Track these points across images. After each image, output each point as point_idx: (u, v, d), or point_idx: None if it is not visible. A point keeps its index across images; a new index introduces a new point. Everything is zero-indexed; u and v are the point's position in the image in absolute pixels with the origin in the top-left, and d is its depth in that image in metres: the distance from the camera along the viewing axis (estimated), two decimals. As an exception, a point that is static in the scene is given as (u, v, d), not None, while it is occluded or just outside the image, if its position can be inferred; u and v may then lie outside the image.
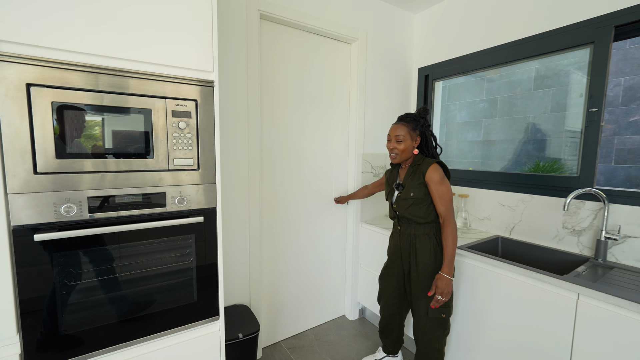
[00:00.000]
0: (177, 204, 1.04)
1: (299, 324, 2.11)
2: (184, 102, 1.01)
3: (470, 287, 1.51)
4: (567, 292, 1.18)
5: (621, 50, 3.18)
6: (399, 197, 1.48)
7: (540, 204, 1.71)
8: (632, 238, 1.39)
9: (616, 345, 1.06)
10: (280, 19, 1.72)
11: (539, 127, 3.64)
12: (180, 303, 1.08)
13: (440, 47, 2.23)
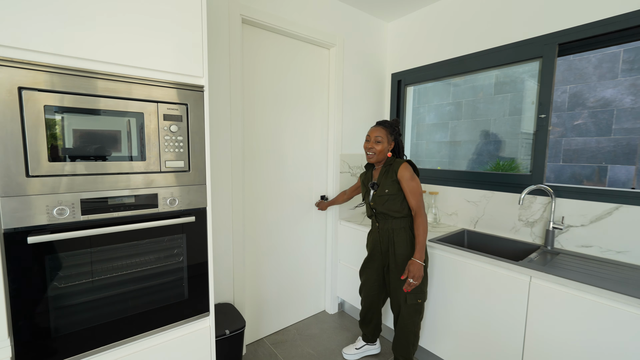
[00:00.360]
0: (168, 205, 1.07)
1: (281, 320, 2.17)
2: (175, 106, 1.05)
3: (441, 276, 1.66)
4: (521, 275, 1.35)
5: (567, 61, 3.55)
6: (375, 195, 1.59)
7: (500, 199, 1.91)
8: (573, 227, 1.61)
9: (561, 317, 1.24)
10: (262, 23, 1.78)
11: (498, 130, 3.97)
12: (172, 301, 1.12)
13: (411, 54, 2.39)
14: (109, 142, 0.96)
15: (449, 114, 4.56)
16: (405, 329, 1.59)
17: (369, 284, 1.73)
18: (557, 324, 1.25)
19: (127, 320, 1.03)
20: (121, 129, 0.97)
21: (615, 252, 1.49)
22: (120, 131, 0.97)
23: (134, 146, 0.99)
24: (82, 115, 0.90)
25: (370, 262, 1.71)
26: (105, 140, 0.95)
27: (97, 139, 0.94)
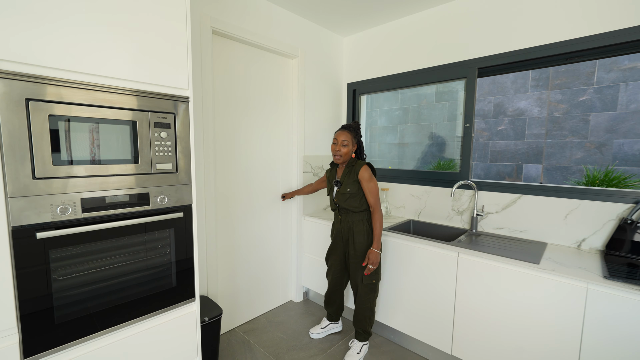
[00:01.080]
0: (159, 202, 1.20)
1: (251, 310, 2.33)
2: (164, 114, 1.18)
3: (392, 258, 1.97)
4: (452, 252, 1.71)
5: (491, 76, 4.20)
6: (338, 192, 1.85)
7: (437, 193, 2.30)
8: (490, 214, 2.03)
9: (480, 281, 1.61)
10: (231, 35, 1.93)
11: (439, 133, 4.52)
12: (162, 288, 1.24)
13: (365, 67, 2.70)
14: (106, 147, 1.07)
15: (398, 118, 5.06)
16: (362, 305, 1.87)
17: (334, 269, 1.98)
18: (477, 286, 1.62)
19: (122, 306, 1.14)
20: (117, 135, 1.08)
21: (519, 232, 1.94)
22: (116, 137, 1.08)
23: (129, 150, 1.11)
24: (84, 124, 1.01)
25: (334, 249, 1.97)
26: (103, 145, 1.06)
27: (95, 144, 1.04)
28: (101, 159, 1.06)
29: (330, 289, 2.04)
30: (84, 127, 1.01)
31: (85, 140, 1.02)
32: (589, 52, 1.70)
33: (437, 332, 1.78)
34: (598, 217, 1.68)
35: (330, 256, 2.00)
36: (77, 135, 1.00)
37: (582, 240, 1.73)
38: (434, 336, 1.80)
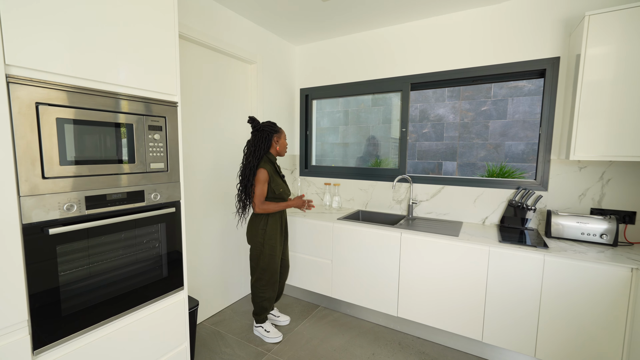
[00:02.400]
0: (152, 199, 1.30)
1: (217, 304, 2.44)
2: (157, 118, 1.29)
3: (347, 242, 2.31)
4: (396, 233, 2.11)
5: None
6: (287, 186, 2.10)
7: (381, 187, 2.72)
8: (421, 202, 2.53)
9: (417, 254, 2.04)
10: (197, 40, 2.03)
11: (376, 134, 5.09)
12: (156, 278, 1.34)
13: (315, 74, 3.00)
14: (107, 148, 1.14)
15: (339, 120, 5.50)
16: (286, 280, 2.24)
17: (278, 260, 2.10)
18: (415, 258, 2.05)
19: (121, 297, 1.22)
20: (117, 137, 1.16)
21: (443, 214, 2.46)
22: (116, 139, 1.16)
23: (127, 151, 1.20)
24: (87, 126, 1.07)
25: (279, 241, 2.07)
26: (105, 147, 1.13)
27: (98, 146, 1.11)
28: (103, 159, 1.13)
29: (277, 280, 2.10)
30: (88, 129, 1.08)
31: (89, 141, 1.09)
32: (486, 77, 2.27)
33: (385, 299, 2.18)
34: (495, 200, 2.26)
35: (279, 250, 2.07)
36: (81, 137, 1.07)
37: (486, 217, 2.30)
38: (383, 303, 2.19)
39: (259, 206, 1.90)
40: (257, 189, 1.90)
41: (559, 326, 1.65)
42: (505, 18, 2.13)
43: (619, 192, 1.89)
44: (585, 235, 1.83)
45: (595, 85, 1.68)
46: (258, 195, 1.90)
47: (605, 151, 1.69)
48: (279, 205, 1.95)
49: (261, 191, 1.90)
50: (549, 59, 2.02)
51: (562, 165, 2.04)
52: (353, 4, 2.19)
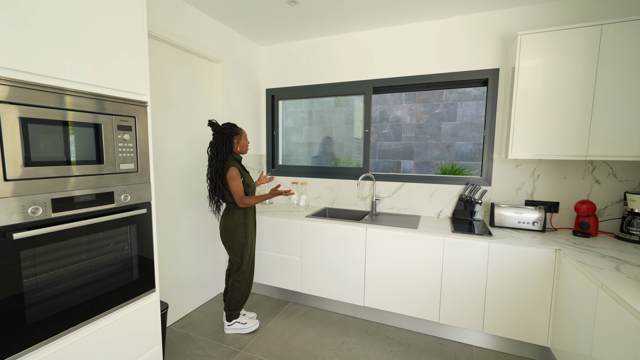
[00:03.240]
0: (122, 200, 1.27)
1: (185, 307, 2.39)
2: (126, 118, 1.26)
3: (315, 239, 2.40)
4: (362, 228, 2.25)
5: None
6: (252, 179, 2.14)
7: (346, 185, 2.85)
8: (384, 198, 2.71)
9: (380, 246, 2.20)
10: (164, 38, 1.98)
11: (339, 135, 5.25)
12: (126, 281, 1.31)
13: (281, 75, 3.04)
14: (75, 148, 1.10)
15: (303, 120, 5.59)
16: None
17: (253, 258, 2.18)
18: (379, 250, 2.20)
19: (90, 302, 1.18)
20: (84, 137, 1.13)
21: (404, 209, 2.66)
22: (83, 139, 1.13)
23: (95, 152, 1.16)
24: (52, 126, 1.03)
25: (254, 238, 2.17)
26: (71, 147, 1.09)
27: (64, 146, 1.07)
28: (70, 160, 1.09)
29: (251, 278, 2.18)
30: (53, 129, 1.04)
31: (55, 142, 1.05)
32: (439, 83, 2.51)
33: (353, 290, 2.31)
34: (448, 195, 2.51)
35: (255, 240, 2.20)
36: (47, 137, 1.02)
37: (440, 211, 2.54)
38: (351, 294, 2.32)
39: (241, 201, 1.95)
40: (234, 186, 1.93)
41: (502, 302, 1.90)
42: (455, 32, 2.37)
43: (547, 185, 2.22)
44: (521, 224, 2.12)
45: (527, 94, 1.95)
46: (237, 191, 1.94)
47: (536, 151, 1.98)
48: (258, 198, 2.00)
49: (238, 186, 1.94)
50: (490, 69, 2.30)
51: (502, 163, 2.33)
52: (318, 10, 2.28)
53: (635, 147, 1.75)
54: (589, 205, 1.97)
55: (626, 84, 1.74)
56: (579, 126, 1.86)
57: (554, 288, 1.77)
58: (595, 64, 1.78)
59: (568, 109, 1.87)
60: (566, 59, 1.84)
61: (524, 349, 1.95)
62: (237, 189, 1.94)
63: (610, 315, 1.21)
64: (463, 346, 2.07)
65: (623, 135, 1.77)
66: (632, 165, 2.00)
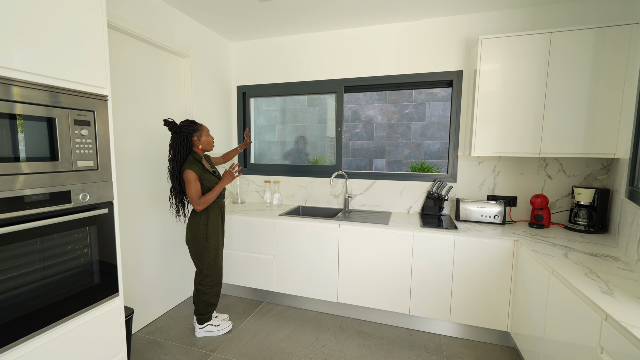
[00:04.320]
0: (80, 200, 1.19)
1: (153, 312, 2.29)
2: (83, 112, 1.18)
3: (289, 237, 2.39)
4: (335, 225, 2.27)
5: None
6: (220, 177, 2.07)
7: (319, 183, 2.87)
8: (356, 196, 2.75)
9: (353, 242, 2.23)
10: (126, 30, 1.88)
11: (312, 133, 5.26)
12: (87, 286, 1.23)
13: (253, 72, 3.00)
14: (25, 144, 1.02)
15: (276, 119, 5.55)
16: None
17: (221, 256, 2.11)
18: (352, 247, 2.24)
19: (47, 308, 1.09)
20: (36, 132, 1.04)
21: (375, 206, 2.72)
22: (35, 134, 1.04)
23: (49, 148, 1.08)
24: (-2, 119, 0.95)
25: (222, 236, 2.09)
26: (22, 142, 1.01)
27: (11, 142, 0.99)
28: (18, 157, 1.00)
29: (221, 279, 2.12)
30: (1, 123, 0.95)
31: (2, 136, 0.96)
32: (407, 83, 2.59)
33: (327, 287, 2.33)
34: (417, 192, 2.60)
35: (222, 241, 2.09)
36: (-9, 132, 0.94)
37: (410, 207, 2.63)
38: (325, 291, 2.34)
39: (198, 203, 1.86)
40: (191, 190, 1.84)
41: (467, 292, 2.00)
42: (421, 34, 2.47)
43: (506, 181, 2.37)
44: (484, 217, 2.25)
45: (488, 95, 2.08)
46: (192, 196, 1.85)
47: (496, 149, 2.10)
48: (213, 191, 1.91)
49: (196, 190, 1.86)
50: (454, 71, 2.41)
51: (466, 160, 2.46)
52: (289, 8, 2.27)
53: (580, 145, 1.92)
54: (542, 198, 2.13)
55: (571, 87, 1.90)
56: (533, 126, 2.00)
57: (512, 276, 1.90)
58: (546, 69, 1.93)
59: (524, 110, 2.01)
60: (522, 63, 1.98)
61: (487, 335, 2.07)
62: (192, 193, 1.85)
63: (560, 298, 1.32)
64: (432, 336, 2.16)
65: (570, 134, 1.93)
66: (578, 161, 2.19)
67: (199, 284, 2.04)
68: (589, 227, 2.00)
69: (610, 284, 1.20)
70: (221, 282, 2.12)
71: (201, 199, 1.87)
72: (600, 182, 2.15)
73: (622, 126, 1.82)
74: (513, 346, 2.01)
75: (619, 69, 1.80)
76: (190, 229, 1.99)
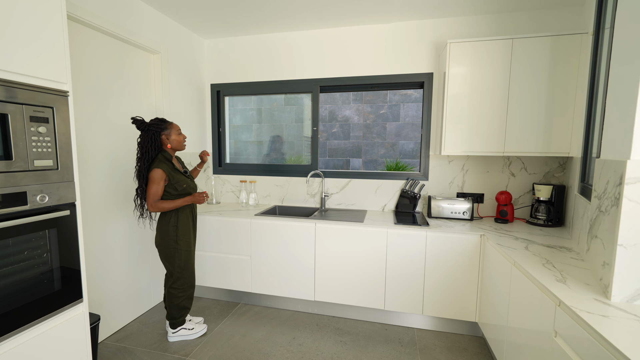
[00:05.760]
0: (38, 202, 1.12)
1: (122, 318, 2.19)
2: (41, 108, 1.12)
3: (265, 237, 2.38)
4: (311, 224, 2.29)
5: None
6: (192, 181, 2.03)
7: (296, 182, 2.87)
8: (332, 194, 2.78)
9: (330, 240, 2.26)
10: (88, 22, 1.78)
11: (289, 133, 5.25)
12: (46, 293, 1.16)
13: (227, 71, 2.95)
14: (-28, 142, 0.94)
15: (252, 118, 5.48)
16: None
17: (193, 259, 2.05)
18: (328, 245, 2.26)
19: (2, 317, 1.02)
20: (-14, 129, 0.97)
21: (351, 204, 2.76)
22: (-15, 131, 0.97)
23: (1, 146, 1.01)
24: (-59, 115, 0.87)
25: (192, 238, 2.01)
26: (-32, 140, 0.93)
27: (-43, 139, 0.91)
28: (-34, 156, 0.93)
29: (193, 282, 2.06)
30: (-57, 118, 0.88)
31: (-57, 133, 0.89)
32: (381, 84, 2.65)
33: (304, 286, 2.34)
34: (391, 190, 2.67)
35: (192, 248, 2.01)
36: None
37: (385, 205, 2.70)
38: (302, 290, 2.34)
39: (152, 205, 1.80)
40: (151, 189, 1.79)
41: (438, 286, 2.08)
42: (394, 37, 2.53)
43: (474, 179, 2.49)
44: (454, 214, 2.35)
45: (456, 97, 2.17)
46: (151, 195, 1.79)
47: (465, 148, 2.20)
48: (175, 203, 1.85)
49: (155, 190, 1.79)
50: (425, 73, 2.50)
51: (437, 159, 2.55)
52: (257, 4, 2.25)
53: (539, 145, 2.06)
54: (506, 195, 2.26)
55: (531, 90, 2.03)
56: (498, 126, 2.12)
57: (480, 269, 2.00)
58: (508, 73, 2.05)
59: (490, 112, 2.12)
60: (487, 67, 2.09)
61: (458, 326, 2.17)
62: (151, 192, 1.78)
63: (521, 287, 1.41)
64: (406, 329, 2.22)
65: (530, 134, 2.06)
66: (538, 160, 2.34)
67: (170, 288, 1.98)
68: (548, 221, 2.14)
69: (564, 273, 1.30)
70: (194, 285, 2.07)
71: (158, 202, 1.81)
72: (558, 179, 2.31)
73: (575, 127, 1.96)
74: (481, 335, 2.11)
75: (572, 75, 1.95)
76: (160, 230, 1.92)
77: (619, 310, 0.99)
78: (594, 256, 1.28)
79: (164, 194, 1.87)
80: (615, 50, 1.23)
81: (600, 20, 1.69)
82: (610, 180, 1.14)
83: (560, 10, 2.21)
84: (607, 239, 1.14)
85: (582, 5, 2.15)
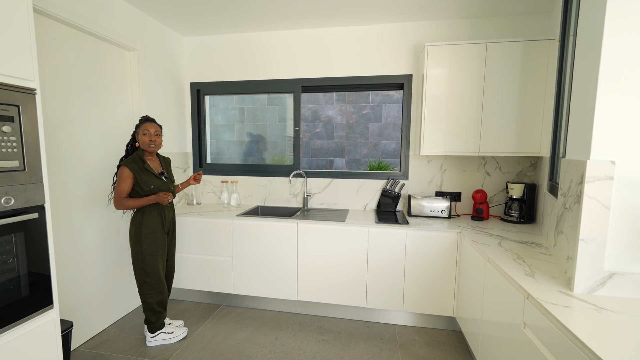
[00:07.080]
0: (3, 204, 1.07)
1: (98, 324, 2.12)
2: (5, 107, 1.07)
3: (247, 237, 2.36)
4: (293, 224, 2.29)
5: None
6: (167, 182, 1.98)
7: (278, 182, 2.86)
8: (315, 194, 2.79)
9: (312, 239, 2.27)
10: (60, 18, 1.71)
11: (272, 133, 5.22)
12: (13, 299, 1.11)
13: (208, 69, 2.90)
14: None
15: (234, 117, 5.42)
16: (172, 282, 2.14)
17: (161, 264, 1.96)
18: (311, 244, 2.27)
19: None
20: (-56, 128, 0.92)
21: (333, 204, 2.78)
22: (-58, 130, 0.92)
23: (-39, 146, 0.96)
24: None
25: (161, 243, 1.93)
26: None
27: None
28: None
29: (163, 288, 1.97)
30: None
31: None
32: (362, 85, 2.69)
33: (286, 286, 2.33)
34: (373, 189, 2.71)
35: (159, 253, 1.93)
36: None
37: (366, 204, 2.73)
38: (284, 290, 2.34)
39: (116, 202, 1.81)
40: (118, 186, 1.80)
41: (417, 282, 2.13)
42: (375, 38, 2.57)
43: (452, 178, 2.56)
44: (432, 212, 2.41)
45: (434, 99, 2.23)
46: (116, 192, 1.81)
47: (444, 148, 2.27)
48: (139, 202, 1.82)
49: (121, 188, 1.80)
50: (405, 75, 2.55)
51: (417, 159, 2.62)
52: (238, 3, 2.23)
53: (512, 145, 2.15)
54: (482, 194, 2.34)
55: (504, 93, 2.11)
56: (473, 127, 2.19)
57: (457, 265, 2.06)
58: (483, 76, 2.13)
59: (466, 113, 2.19)
60: (464, 70, 2.16)
61: (437, 322, 2.23)
62: (117, 189, 1.80)
63: (493, 282, 1.47)
64: (387, 326, 2.26)
65: (503, 135, 2.15)
66: (511, 159, 2.44)
67: (140, 294, 1.95)
68: (520, 218, 2.24)
69: (533, 267, 1.37)
70: (164, 292, 1.97)
71: (123, 200, 1.80)
72: (529, 177, 2.42)
73: (545, 128, 2.06)
74: (458, 330, 2.18)
75: (541, 78, 2.05)
76: (129, 232, 1.91)
77: (580, 301, 1.05)
78: (560, 251, 1.35)
79: (132, 192, 1.85)
80: (577, 56, 1.31)
81: (565, 27, 1.79)
82: (573, 179, 1.20)
83: (531, 16, 2.32)
84: (571, 234, 1.21)
85: (550, 12, 2.26)
